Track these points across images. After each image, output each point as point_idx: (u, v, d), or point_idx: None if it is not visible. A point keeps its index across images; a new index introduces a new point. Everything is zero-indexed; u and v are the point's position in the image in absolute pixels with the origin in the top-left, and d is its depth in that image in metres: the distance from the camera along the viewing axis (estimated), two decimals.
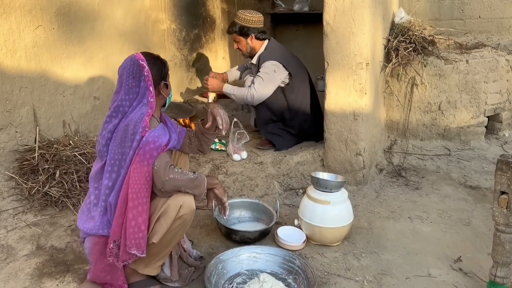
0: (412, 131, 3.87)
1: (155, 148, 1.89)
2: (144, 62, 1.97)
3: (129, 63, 1.99)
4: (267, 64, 3.33)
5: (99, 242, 1.99)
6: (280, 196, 2.97)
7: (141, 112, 1.95)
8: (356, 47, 2.94)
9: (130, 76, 1.98)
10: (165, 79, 2.08)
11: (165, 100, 2.13)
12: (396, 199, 3.04)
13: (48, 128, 3.16)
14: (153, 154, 1.89)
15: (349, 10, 2.91)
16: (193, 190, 1.96)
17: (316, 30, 4.85)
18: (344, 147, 3.11)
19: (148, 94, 1.98)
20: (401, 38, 3.73)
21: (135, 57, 2.00)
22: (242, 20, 3.44)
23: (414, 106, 3.82)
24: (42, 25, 3.05)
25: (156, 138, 1.90)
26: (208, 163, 3.22)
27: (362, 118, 3.04)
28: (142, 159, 1.88)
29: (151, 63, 1.99)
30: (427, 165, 3.56)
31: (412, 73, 3.75)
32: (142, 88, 1.97)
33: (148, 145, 1.88)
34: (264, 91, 3.30)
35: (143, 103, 1.98)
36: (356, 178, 3.14)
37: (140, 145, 1.89)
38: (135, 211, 1.88)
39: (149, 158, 1.88)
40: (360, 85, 2.99)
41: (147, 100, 1.98)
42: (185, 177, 1.93)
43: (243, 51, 3.52)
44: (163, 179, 1.88)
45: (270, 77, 3.30)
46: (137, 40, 3.96)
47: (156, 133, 1.92)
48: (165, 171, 1.89)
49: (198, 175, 2.02)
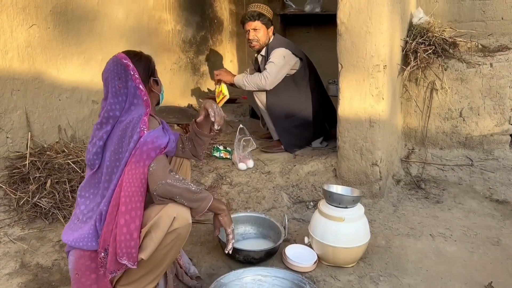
0: (431, 139, 3.61)
1: (154, 148, 1.73)
2: (127, 60, 1.82)
3: (112, 65, 1.83)
4: (276, 51, 3.29)
5: (85, 256, 1.77)
6: (289, 209, 2.73)
7: (139, 113, 1.78)
8: (373, 48, 2.70)
9: (115, 78, 1.80)
10: (153, 75, 1.94)
11: (158, 97, 1.99)
12: (415, 214, 2.78)
13: (42, 133, 2.97)
14: (150, 155, 1.71)
15: (366, 8, 2.67)
16: (190, 202, 1.74)
17: (328, 32, 4.63)
18: (359, 156, 2.87)
19: (139, 93, 1.82)
20: (420, 39, 3.49)
21: (116, 57, 1.85)
22: (266, 11, 3.42)
23: (433, 113, 3.57)
24: (37, 24, 2.87)
25: (155, 139, 1.75)
26: (212, 172, 3.00)
27: (379, 125, 2.80)
28: (138, 159, 1.70)
29: (135, 61, 1.84)
30: (448, 176, 3.30)
31: (431, 77, 3.49)
32: (130, 88, 1.80)
33: (146, 145, 1.72)
34: (277, 75, 3.23)
35: (134, 104, 1.81)
36: (372, 190, 2.89)
37: (137, 146, 1.72)
38: (128, 217, 1.68)
39: (146, 159, 1.70)
40: (377, 89, 2.75)
41: (140, 100, 1.81)
42: (183, 186, 1.72)
43: (262, 41, 3.39)
44: (158, 182, 1.69)
45: (281, 62, 3.25)
46: (140, 41, 3.77)
47: (156, 133, 1.77)
48: (161, 174, 1.70)
49: (204, 191, 1.81)
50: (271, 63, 3.24)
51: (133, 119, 1.76)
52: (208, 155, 3.29)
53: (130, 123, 1.75)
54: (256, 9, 3.40)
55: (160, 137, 1.78)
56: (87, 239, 1.76)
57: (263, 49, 3.43)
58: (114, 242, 1.70)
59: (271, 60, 3.25)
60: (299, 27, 4.99)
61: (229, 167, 3.07)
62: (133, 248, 1.68)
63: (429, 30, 3.57)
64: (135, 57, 1.86)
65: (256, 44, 3.40)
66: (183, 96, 4.36)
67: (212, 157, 3.25)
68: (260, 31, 3.36)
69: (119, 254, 1.68)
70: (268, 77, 3.19)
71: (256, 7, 3.42)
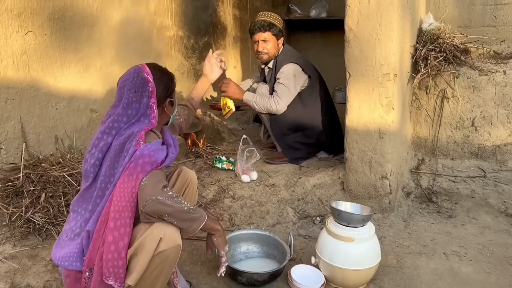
0: (441, 149, 3.47)
1: (150, 162, 1.63)
2: (149, 76, 1.74)
3: (132, 75, 1.74)
4: (286, 68, 3.12)
5: (70, 275, 1.68)
6: (294, 225, 2.60)
7: (140, 127, 1.69)
8: (383, 55, 2.58)
9: (131, 90, 1.72)
10: (171, 96, 1.85)
11: (168, 118, 1.89)
12: (427, 230, 2.65)
13: (38, 144, 2.86)
14: (145, 169, 1.61)
15: (375, 14, 2.55)
16: (181, 222, 1.63)
17: (334, 38, 4.50)
18: (368, 169, 2.74)
19: (150, 113, 1.73)
20: (430, 46, 3.35)
21: (139, 69, 1.75)
22: (277, 20, 3.25)
23: (444, 122, 3.43)
24: (33, 31, 2.76)
25: (152, 152, 1.65)
26: (214, 184, 2.88)
27: (389, 137, 2.67)
28: (132, 172, 1.59)
29: (157, 78, 1.76)
30: (460, 189, 3.16)
31: (442, 85, 3.36)
32: (143, 105, 1.71)
33: (142, 158, 1.62)
34: (288, 98, 3.09)
35: (141, 121, 1.72)
36: (381, 204, 2.76)
37: (132, 159, 1.61)
38: (116, 233, 1.57)
39: (140, 172, 1.60)
40: (387, 98, 2.63)
41: (147, 119, 1.72)
42: (176, 205, 1.60)
43: (271, 53, 3.22)
44: (147, 198, 1.56)
45: (291, 83, 3.09)
46: (140, 47, 3.66)
47: (153, 146, 1.67)
48: (153, 189, 1.58)
49: (198, 210, 1.70)
50: (281, 85, 3.07)
51: (132, 133, 1.67)
52: (210, 166, 3.17)
53: (129, 138, 1.66)
54: (266, 18, 3.21)
55: (158, 150, 1.68)
56: (72, 258, 1.66)
57: (271, 61, 3.27)
58: (100, 261, 1.59)
59: (280, 82, 3.07)
60: (305, 32, 4.88)
61: (231, 179, 2.95)
62: (121, 268, 1.58)
63: (440, 36, 3.44)
64: (158, 74, 1.78)
65: (265, 56, 3.23)
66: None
67: (214, 168, 3.13)
68: (270, 43, 3.20)
69: (105, 273, 1.57)
70: (279, 103, 3.04)
71: (267, 16, 3.23)
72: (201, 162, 3.27)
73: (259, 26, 3.16)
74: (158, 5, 3.83)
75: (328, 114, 3.31)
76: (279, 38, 3.24)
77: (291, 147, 3.19)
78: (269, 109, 3.07)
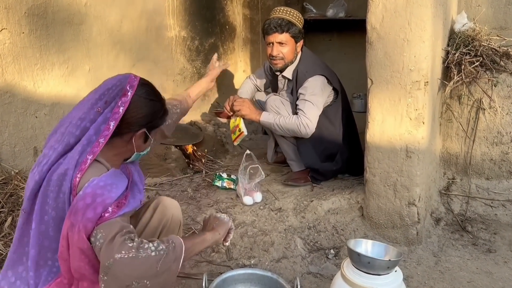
0: (475, 168, 3.02)
1: (94, 205, 1.21)
2: (132, 89, 1.36)
3: (115, 82, 1.39)
4: (312, 81, 2.62)
5: None
6: (304, 260, 2.19)
7: (82, 149, 1.28)
8: (412, 60, 2.16)
9: (103, 99, 1.35)
10: (150, 129, 1.44)
11: (131, 153, 1.46)
12: (463, 269, 2.22)
13: (13, 157, 2.52)
14: (86, 215, 1.20)
15: (404, 10, 2.14)
16: (155, 279, 1.22)
17: (353, 40, 4.09)
18: (392, 193, 2.32)
19: (103, 129, 1.31)
20: (464, 49, 2.92)
21: (127, 78, 1.40)
22: (297, 19, 2.69)
23: (479, 136, 2.98)
24: (7, 28, 2.43)
25: (99, 189, 1.24)
26: (211, 207, 2.49)
27: (418, 156, 2.25)
28: (73, 222, 1.20)
29: (143, 98, 1.39)
30: (499, 215, 2.71)
31: (478, 94, 2.92)
32: (102, 117, 1.33)
33: (84, 200, 1.21)
34: (317, 118, 2.61)
35: (91, 142, 1.31)
36: (408, 235, 2.33)
37: (74, 201, 1.22)
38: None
39: (81, 222, 1.19)
40: (416, 111, 2.21)
41: (95, 137, 1.31)
42: (140, 259, 1.19)
43: (287, 59, 2.70)
44: (105, 263, 1.17)
45: (320, 100, 2.61)
46: (137, 49, 3.30)
47: (102, 182, 1.26)
48: (109, 250, 1.17)
49: (171, 247, 1.29)
50: (308, 103, 2.58)
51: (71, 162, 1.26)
52: (210, 183, 2.79)
53: (68, 170, 1.25)
54: (284, 16, 2.65)
55: (109, 186, 1.27)
56: None
57: (289, 70, 2.75)
58: None
59: (307, 99, 2.58)
60: (320, 34, 4.48)
61: (232, 200, 2.56)
62: None
63: (475, 38, 2.99)
64: (148, 95, 1.41)
65: (280, 63, 2.70)
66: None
67: (213, 186, 2.74)
68: (287, 46, 2.66)
69: None
70: (308, 126, 2.55)
71: (285, 12, 2.67)
72: (199, 178, 2.89)
73: (276, 25, 2.62)
74: (158, 3, 3.47)
75: (352, 131, 2.89)
76: (298, 41, 2.70)
77: (323, 175, 2.75)
78: (296, 132, 2.59)
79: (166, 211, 1.65)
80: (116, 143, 1.38)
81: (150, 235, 1.62)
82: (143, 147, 1.47)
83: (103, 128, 1.32)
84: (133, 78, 1.40)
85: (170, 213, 1.66)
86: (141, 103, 1.38)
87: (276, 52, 2.65)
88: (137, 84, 1.38)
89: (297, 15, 2.70)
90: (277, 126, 2.60)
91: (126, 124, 1.35)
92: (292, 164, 2.81)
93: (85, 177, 1.26)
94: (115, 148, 1.39)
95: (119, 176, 1.33)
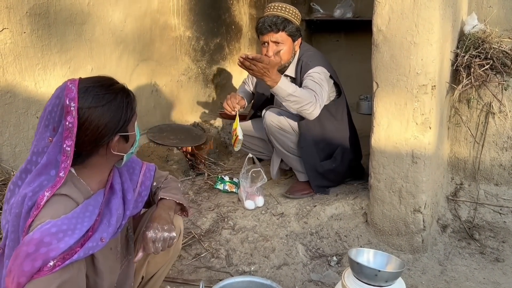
0: (484, 173, 2.94)
1: (34, 256, 1.04)
2: (73, 102, 1.15)
3: (53, 101, 1.19)
4: (317, 69, 2.42)
5: None
6: (305, 267, 2.14)
7: (40, 183, 1.14)
8: (419, 63, 2.10)
9: (49, 125, 1.17)
10: (123, 129, 1.26)
11: (118, 158, 1.32)
12: (469, 278, 2.15)
13: (13, 158, 2.49)
14: (23, 267, 1.03)
15: (411, 12, 2.08)
16: None
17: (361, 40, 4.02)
18: (397, 199, 2.26)
19: (61, 160, 1.16)
20: (474, 52, 2.84)
21: (65, 88, 1.19)
22: (293, 15, 2.50)
23: (488, 141, 2.91)
24: (9, 28, 2.39)
25: (48, 237, 1.05)
26: (212, 211, 2.45)
27: (424, 162, 2.19)
28: (11, 268, 1.05)
29: (93, 107, 1.17)
30: (508, 223, 2.63)
31: (488, 98, 2.84)
32: (55, 147, 1.16)
33: (27, 246, 1.04)
34: (324, 99, 2.34)
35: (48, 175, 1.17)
36: (413, 243, 2.27)
37: (22, 242, 1.08)
38: None
39: (17, 273, 1.03)
40: (422, 115, 2.15)
41: (56, 170, 1.16)
42: None
43: (284, 59, 2.49)
44: None
45: (326, 88, 2.39)
46: (141, 49, 3.27)
47: (55, 227, 1.07)
48: None
49: None
50: (316, 84, 2.33)
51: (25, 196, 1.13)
52: (211, 186, 2.75)
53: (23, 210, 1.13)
54: (280, 13, 2.46)
55: (60, 235, 1.08)
56: None
57: (289, 68, 2.56)
58: None
59: (317, 81, 2.34)
60: (328, 34, 4.42)
61: (233, 204, 2.52)
62: None
63: (485, 40, 2.92)
64: (96, 101, 1.18)
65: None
66: (192, 112, 3.83)
67: (214, 189, 2.70)
68: (284, 46, 2.46)
69: None
70: (319, 107, 2.27)
71: (280, 9, 2.47)
72: (201, 181, 2.85)
73: (270, 24, 2.42)
74: (163, 2, 3.44)
75: (354, 131, 2.79)
76: (296, 39, 2.52)
77: (321, 176, 2.59)
78: (307, 108, 2.24)
79: None
80: (93, 161, 1.25)
81: None
82: (128, 147, 1.32)
83: (61, 159, 1.16)
84: (69, 88, 1.18)
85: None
86: (94, 114, 1.18)
87: (272, 52, 2.45)
88: (76, 93, 1.16)
89: (294, 12, 2.52)
90: (293, 98, 2.22)
91: (90, 143, 1.20)
92: (298, 174, 2.67)
93: (42, 214, 1.11)
94: (95, 166, 1.27)
95: (84, 214, 1.16)
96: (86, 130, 1.17)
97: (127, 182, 1.38)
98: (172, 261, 1.69)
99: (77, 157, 1.21)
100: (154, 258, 1.57)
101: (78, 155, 1.21)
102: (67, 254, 1.08)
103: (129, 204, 1.34)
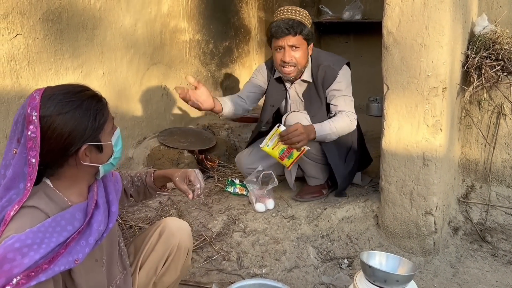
0: (496, 175, 2.92)
1: None
2: (34, 111, 1.10)
3: (20, 108, 1.15)
4: (343, 73, 2.44)
5: None
6: (317, 270, 2.14)
7: (9, 197, 1.11)
8: (430, 65, 2.10)
9: (14, 137, 1.13)
10: (92, 138, 1.19)
11: (94, 169, 1.25)
12: (482, 281, 2.14)
13: None
14: None
15: (421, 14, 2.08)
16: None
17: (370, 42, 4.02)
18: (409, 202, 2.26)
19: (27, 173, 1.12)
20: (485, 53, 2.83)
21: (29, 98, 1.14)
22: (306, 18, 2.41)
23: (500, 142, 2.89)
24: (22, 34, 2.43)
25: (11, 253, 1.00)
26: (223, 213, 2.46)
27: (436, 164, 2.18)
28: None
29: (55, 115, 1.12)
30: None
31: (499, 99, 2.82)
32: (20, 159, 1.12)
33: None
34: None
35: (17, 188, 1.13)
36: (424, 246, 2.27)
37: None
38: None
39: None
40: (433, 118, 2.14)
41: (23, 183, 1.13)
42: None
43: (301, 64, 2.39)
44: None
45: (351, 90, 2.52)
46: (151, 52, 3.30)
47: (19, 242, 1.01)
48: None
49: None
50: (347, 98, 2.43)
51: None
52: (222, 189, 2.76)
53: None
54: (295, 17, 2.35)
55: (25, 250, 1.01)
56: None
57: (305, 73, 2.47)
58: None
59: (345, 94, 2.42)
60: (337, 37, 4.42)
61: (244, 207, 2.53)
62: None
63: (496, 41, 2.90)
64: (59, 108, 1.12)
65: (293, 70, 2.38)
66: (202, 115, 3.86)
67: (225, 192, 2.71)
68: (300, 50, 2.35)
69: None
70: (355, 119, 2.46)
71: (294, 12, 2.37)
72: (212, 184, 2.86)
73: (287, 27, 2.29)
74: (172, 6, 3.47)
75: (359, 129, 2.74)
76: (310, 43, 2.41)
77: (345, 180, 2.59)
78: (346, 130, 2.44)
79: (171, 239, 1.49)
80: (66, 173, 1.20)
81: (154, 265, 1.50)
82: (104, 158, 1.24)
83: (27, 171, 1.11)
84: (33, 97, 1.14)
85: (176, 241, 1.49)
86: (56, 122, 1.12)
87: (289, 58, 2.34)
88: (39, 101, 1.12)
89: (306, 15, 2.44)
90: (333, 134, 2.36)
91: (56, 153, 1.14)
92: (310, 180, 2.64)
93: (8, 229, 1.06)
94: (69, 177, 1.21)
95: (54, 229, 1.09)
96: (49, 139, 1.12)
97: (112, 194, 1.33)
98: (179, 280, 1.66)
99: (48, 168, 1.18)
100: (161, 278, 1.53)
101: (48, 166, 1.17)
102: (32, 270, 1.01)
103: (113, 216, 1.28)
